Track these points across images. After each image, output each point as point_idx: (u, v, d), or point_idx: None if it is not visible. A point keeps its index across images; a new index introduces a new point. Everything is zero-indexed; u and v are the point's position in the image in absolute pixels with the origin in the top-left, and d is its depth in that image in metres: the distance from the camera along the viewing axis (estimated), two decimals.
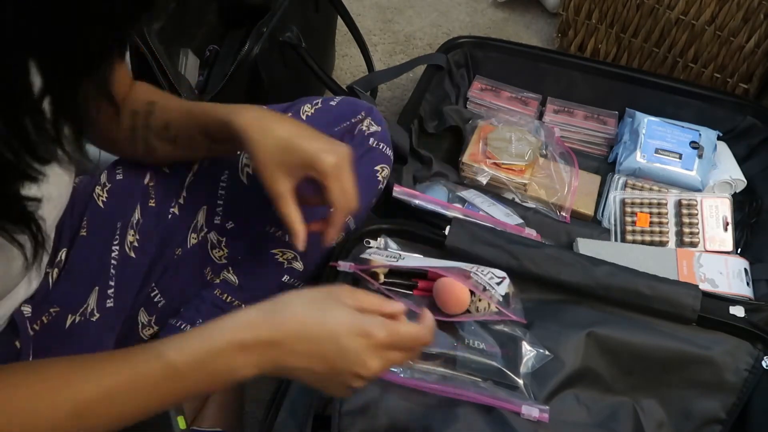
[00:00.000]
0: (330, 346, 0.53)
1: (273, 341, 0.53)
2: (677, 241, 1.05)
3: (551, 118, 1.23)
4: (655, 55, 1.35)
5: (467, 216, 0.95)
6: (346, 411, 0.69)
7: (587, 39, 1.43)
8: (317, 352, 0.53)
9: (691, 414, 0.76)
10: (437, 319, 0.73)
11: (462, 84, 1.28)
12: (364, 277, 0.77)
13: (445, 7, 1.64)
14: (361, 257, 0.78)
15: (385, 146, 0.87)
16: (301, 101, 0.86)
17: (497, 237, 0.82)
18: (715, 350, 0.76)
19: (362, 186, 0.85)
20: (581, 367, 0.74)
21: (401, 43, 1.54)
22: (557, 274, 0.79)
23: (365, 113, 0.86)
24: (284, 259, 0.84)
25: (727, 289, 0.96)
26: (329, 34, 1.32)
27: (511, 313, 0.73)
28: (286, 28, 1.03)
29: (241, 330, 0.53)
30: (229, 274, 0.85)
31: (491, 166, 1.11)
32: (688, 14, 1.27)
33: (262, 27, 0.99)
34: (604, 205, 1.12)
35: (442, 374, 0.70)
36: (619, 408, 0.74)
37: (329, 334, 0.53)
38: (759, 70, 1.27)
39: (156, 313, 0.84)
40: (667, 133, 1.15)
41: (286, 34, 1.02)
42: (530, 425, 0.67)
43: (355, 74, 1.45)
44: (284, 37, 1.02)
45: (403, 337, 0.55)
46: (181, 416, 0.75)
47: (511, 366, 0.71)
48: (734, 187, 1.12)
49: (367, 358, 0.53)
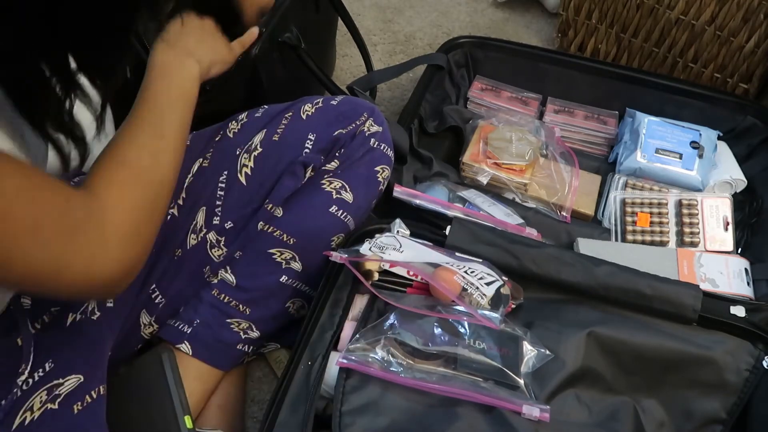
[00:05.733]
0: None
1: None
2: (678, 241, 1.05)
3: (551, 118, 1.23)
4: (655, 55, 1.35)
5: (468, 216, 0.95)
6: (346, 410, 0.68)
7: (587, 39, 1.43)
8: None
9: (691, 414, 0.76)
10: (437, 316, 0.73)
11: (462, 84, 1.28)
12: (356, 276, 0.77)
13: (445, 7, 1.64)
14: (354, 249, 0.78)
15: (386, 147, 0.87)
16: (302, 101, 0.86)
17: (498, 237, 0.82)
18: (716, 350, 0.76)
19: (363, 186, 0.85)
20: (582, 367, 0.74)
21: (401, 43, 1.54)
22: (558, 274, 0.79)
23: (367, 114, 0.86)
24: (282, 259, 0.84)
25: (727, 289, 0.96)
26: (330, 34, 1.32)
27: (480, 316, 0.71)
28: (285, 29, 1.02)
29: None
30: (227, 273, 0.85)
31: (492, 166, 1.11)
32: (688, 14, 1.26)
33: (261, 27, 0.98)
34: (604, 205, 1.12)
35: (442, 374, 0.70)
36: (619, 408, 0.74)
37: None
38: (759, 70, 1.27)
39: (156, 312, 0.84)
40: (668, 133, 1.15)
41: (286, 35, 1.02)
42: (531, 425, 0.67)
43: (355, 74, 1.45)
44: (283, 38, 1.02)
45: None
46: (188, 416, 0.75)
47: (511, 366, 0.71)
48: (735, 187, 1.12)
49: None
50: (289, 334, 0.92)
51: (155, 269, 0.82)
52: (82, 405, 0.65)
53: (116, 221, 0.58)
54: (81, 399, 0.66)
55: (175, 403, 0.76)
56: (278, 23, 1.01)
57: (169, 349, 0.81)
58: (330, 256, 0.77)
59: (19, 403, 0.63)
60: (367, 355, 0.71)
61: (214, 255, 0.84)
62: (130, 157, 0.63)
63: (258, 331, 0.87)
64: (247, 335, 0.87)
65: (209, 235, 0.84)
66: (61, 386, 0.65)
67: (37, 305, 0.68)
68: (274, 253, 0.83)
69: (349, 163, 0.85)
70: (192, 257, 0.84)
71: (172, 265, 0.83)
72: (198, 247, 0.84)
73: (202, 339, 0.85)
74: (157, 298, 0.83)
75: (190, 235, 0.83)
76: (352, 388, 0.70)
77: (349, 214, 0.84)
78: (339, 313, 0.78)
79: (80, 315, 0.71)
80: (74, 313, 0.71)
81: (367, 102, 0.89)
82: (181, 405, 0.76)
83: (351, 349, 0.71)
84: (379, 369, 0.70)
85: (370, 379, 0.70)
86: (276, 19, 1.00)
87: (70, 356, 0.67)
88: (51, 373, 0.65)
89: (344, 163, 0.85)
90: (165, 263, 0.82)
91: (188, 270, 0.84)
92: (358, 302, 0.79)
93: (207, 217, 0.83)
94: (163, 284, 0.83)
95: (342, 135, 0.85)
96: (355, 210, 0.84)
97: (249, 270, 0.84)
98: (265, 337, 0.90)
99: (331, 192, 0.83)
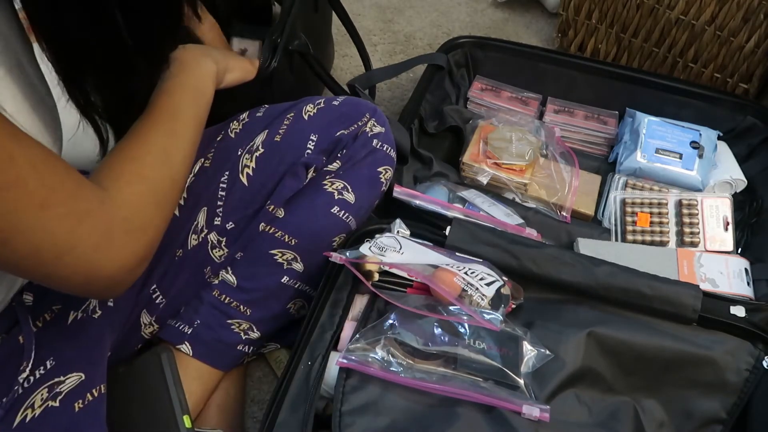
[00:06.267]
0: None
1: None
2: (678, 240, 1.05)
3: (551, 118, 1.23)
4: (655, 55, 1.35)
5: (468, 216, 0.95)
6: (346, 410, 0.69)
7: (587, 39, 1.43)
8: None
9: (691, 414, 0.76)
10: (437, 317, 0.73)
11: (462, 84, 1.28)
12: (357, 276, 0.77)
13: (445, 7, 1.64)
14: (355, 249, 0.78)
15: (389, 148, 0.87)
16: (304, 101, 0.86)
17: (498, 237, 0.82)
18: (716, 350, 0.76)
19: (365, 187, 0.85)
20: (582, 367, 0.74)
21: (401, 43, 1.54)
22: (558, 274, 0.79)
23: (369, 114, 0.86)
24: (283, 259, 0.84)
25: (727, 289, 0.96)
26: (326, 31, 1.32)
27: (480, 318, 0.72)
28: (294, 36, 1.02)
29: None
30: (228, 274, 0.85)
31: (492, 166, 1.11)
32: (688, 14, 1.27)
33: (275, 38, 0.97)
34: (604, 205, 1.12)
35: (442, 374, 0.70)
36: (619, 408, 0.74)
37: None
38: (759, 70, 1.27)
39: (157, 312, 0.84)
40: (668, 133, 1.15)
41: (295, 42, 1.02)
42: (531, 425, 0.67)
43: (354, 74, 1.45)
44: (294, 46, 1.01)
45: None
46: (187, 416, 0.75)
47: (511, 366, 0.71)
48: (735, 187, 1.12)
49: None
50: (289, 334, 0.92)
51: (156, 269, 0.82)
52: (83, 403, 0.65)
53: (124, 215, 0.58)
54: (82, 397, 0.66)
55: (174, 403, 0.76)
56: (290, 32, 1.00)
57: (168, 348, 0.81)
58: (330, 257, 0.77)
59: (20, 401, 0.63)
60: (367, 355, 0.71)
61: (215, 255, 0.84)
62: (141, 154, 0.63)
63: (258, 332, 0.87)
64: (247, 336, 0.87)
65: (210, 236, 0.84)
66: (62, 384, 0.65)
67: (39, 303, 0.68)
68: (275, 254, 0.83)
69: (351, 164, 0.85)
70: (193, 257, 0.84)
71: (173, 265, 0.83)
72: (199, 248, 0.84)
73: (202, 339, 0.85)
74: (158, 298, 0.83)
75: (191, 235, 0.83)
76: (352, 388, 0.70)
77: (350, 215, 0.84)
78: (339, 313, 0.78)
79: (81, 313, 0.71)
80: (75, 312, 0.71)
81: (369, 102, 0.89)
82: (180, 404, 0.76)
83: (351, 349, 0.71)
84: (379, 369, 0.70)
85: (370, 379, 0.70)
86: (287, 28, 0.99)
87: (71, 354, 0.67)
88: (52, 371, 0.65)
89: (346, 164, 0.85)
90: (166, 263, 0.82)
91: (189, 270, 0.84)
92: (358, 302, 0.79)
93: (208, 217, 0.83)
94: (164, 284, 0.83)
95: (344, 136, 0.85)
96: (357, 211, 0.84)
97: (250, 271, 0.84)
98: (266, 337, 0.90)
99: (332, 193, 0.83)
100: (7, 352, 0.65)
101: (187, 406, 0.77)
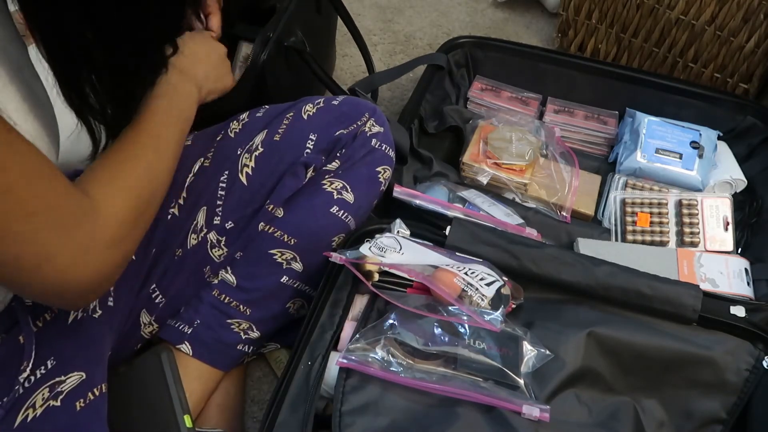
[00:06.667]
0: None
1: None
2: (678, 240, 1.05)
3: (551, 118, 1.23)
4: (655, 55, 1.35)
5: (468, 216, 0.95)
6: (346, 410, 0.69)
7: (587, 39, 1.43)
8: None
9: (691, 414, 0.76)
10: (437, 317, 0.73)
11: (462, 84, 1.28)
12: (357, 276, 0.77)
13: (445, 7, 1.64)
14: (354, 249, 0.78)
15: (388, 147, 0.87)
16: (303, 101, 0.86)
17: (498, 237, 0.82)
18: (716, 350, 0.76)
19: (364, 187, 0.85)
20: (582, 367, 0.74)
21: (401, 43, 1.54)
22: (558, 274, 0.79)
23: (368, 114, 0.86)
24: (283, 259, 0.84)
25: (727, 289, 0.96)
26: (330, 34, 1.32)
27: (480, 318, 0.72)
28: (291, 33, 1.02)
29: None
30: (228, 274, 0.85)
31: (492, 166, 1.11)
32: (688, 14, 1.27)
33: (268, 32, 0.98)
34: (604, 205, 1.12)
35: (442, 374, 0.70)
36: (619, 408, 0.74)
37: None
38: (759, 70, 1.27)
39: (157, 312, 0.84)
40: (668, 133, 1.15)
41: (291, 39, 1.02)
42: (531, 425, 0.67)
43: (355, 74, 1.45)
44: (289, 42, 1.01)
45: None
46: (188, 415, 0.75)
47: (511, 366, 0.71)
48: (735, 187, 1.12)
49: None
50: (289, 334, 0.92)
51: (156, 269, 0.82)
52: (84, 402, 0.66)
53: (105, 226, 0.58)
54: (83, 396, 0.66)
55: (175, 402, 0.76)
56: (284, 28, 1.00)
57: (168, 348, 0.81)
58: (330, 257, 0.77)
59: (21, 401, 0.63)
60: (367, 355, 0.71)
61: (215, 255, 0.84)
62: (127, 168, 0.64)
63: (258, 332, 0.87)
64: (247, 336, 0.87)
65: (210, 235, 0.84)
66: (63, 383, 0.65)
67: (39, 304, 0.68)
68: (274, 254, 0.83)
69: (351, 164, 0.85)
70: (192, 257, 0.84)
71: (172, 265, 0.83)
72: (198, 247, 0.84)
73: (202, 339, 0.85)
74: (158, 298, 0.84)
75: (190, 234, 0.83)
76: (352, 388, 0.70)
77: (350, 215, 0.84)
78: (339, 313, 0.78)
79: (82, 313, 0.71)
80: (75, 311, 0.71)
81: (368, 102, 0.89)
82: (180, 404, 0.76)
83: (351, 349, 0.71)
84: (379, 369, 0.70)
85: (370, 379, 0.70)
86: (282, 24, 1.00)
87: (71, 354, 0.67)
88: (53, 371, 0.65)
89: (345, 164, 0.85)
90: (165, 263, 0.82)
91: (189, 270, 0.84)
92: (358, 302, 0.79)
93: (208, 216, 0.83)
94: (164, 284, 0.83)
95: (343, 135, 0.85)
96: (356, 210, 0.84)
97: (249, 270, 0.84)
98: (266, 337, 0.90)
99: (332, 192, 0.83)
100: (8, 352, 0.65)
101: (188, 406, 0.77)
